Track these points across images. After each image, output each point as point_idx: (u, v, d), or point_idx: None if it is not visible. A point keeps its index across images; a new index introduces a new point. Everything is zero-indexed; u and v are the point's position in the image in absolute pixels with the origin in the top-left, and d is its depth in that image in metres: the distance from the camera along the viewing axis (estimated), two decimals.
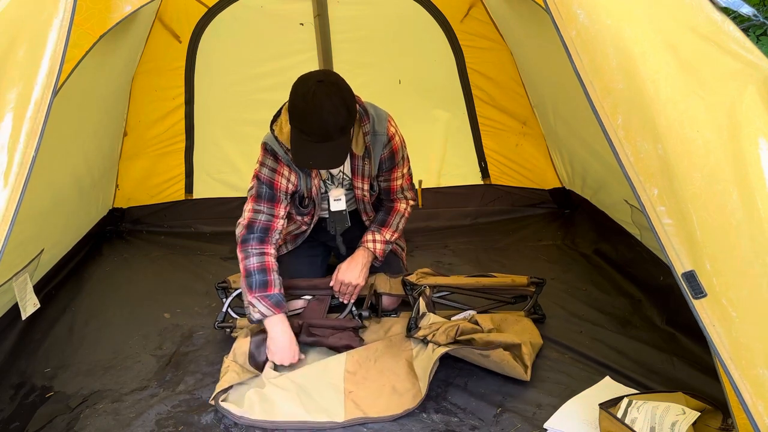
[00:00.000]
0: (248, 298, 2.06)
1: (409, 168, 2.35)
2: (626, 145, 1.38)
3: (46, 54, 1.42)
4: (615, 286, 2.54)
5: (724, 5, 1.45)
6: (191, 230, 3.40)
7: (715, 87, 1.33)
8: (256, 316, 2.02)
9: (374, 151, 2.17)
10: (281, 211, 2.17)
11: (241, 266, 2.11)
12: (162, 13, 3.11)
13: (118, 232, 3.42)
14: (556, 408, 1.77)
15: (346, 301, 2.25)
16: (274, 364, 2.01)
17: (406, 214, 2.36)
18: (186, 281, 2.81)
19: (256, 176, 2.16)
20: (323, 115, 1.87)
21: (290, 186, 2.18)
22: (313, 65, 3.22)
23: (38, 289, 2.40)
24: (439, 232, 3.27)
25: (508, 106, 3.35)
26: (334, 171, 2.24)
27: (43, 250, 2.45)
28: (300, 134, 1.92)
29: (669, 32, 1.39)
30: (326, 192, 2.29)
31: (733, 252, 1.25)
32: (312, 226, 2.35)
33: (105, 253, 3.18)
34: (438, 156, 3.43)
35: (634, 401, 1.65)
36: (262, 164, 2.15)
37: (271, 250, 2.13)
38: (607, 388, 1.84)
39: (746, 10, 1.51)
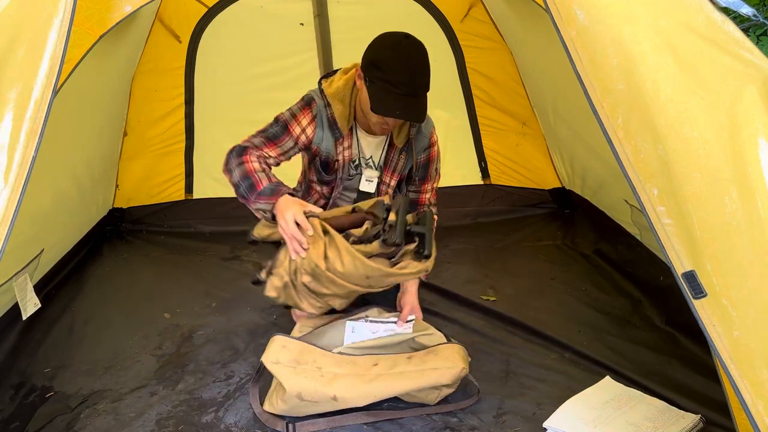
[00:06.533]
0: (251, 208, 1.92)
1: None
2: (626, 145, 1.38)
3: (46, 54, 1.42)
4: (615, 286, 2.54)
5: (724, 5, 1.45)
6: (191, 230, 3.40)
7: (715, 87, 1.33)
8: (268, 216, 1.87)
9: (415, 148, 2.15)
10: (271, 152, 2.00)
11: (231, 184, 1.96)
12: (162, 13, 3.11)
13: (118, 232, 3.41)
14: (556, 408, 1.76)
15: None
16: None
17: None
18: (186, 281, 2.80)
19: (276, 117, 2.06)
20: (412, 66, 1.86)
21: (303, 137, 2.04)
22: (313, 65, 3.22)
23: (38, 289, 2.39)
24: (439, 232, 3.25)
25: (508, 106, 3.35)
26: (367, 155, 2.15)
27: (43, 250, 2.44)
28: (385, 85, 1.86)
29: (669, 32, 1.39)
30: (357, 172, 2.17)
31: (733, 252, 1.25)
32: (329, 204, 2.21)
33: (105, 253, 3.17)
34: None
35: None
36: (289, 109, 2.07)
37: (251, 157, 1.93)
38: (607, 388, 1.84)
39: (746, 10, 1.52)
